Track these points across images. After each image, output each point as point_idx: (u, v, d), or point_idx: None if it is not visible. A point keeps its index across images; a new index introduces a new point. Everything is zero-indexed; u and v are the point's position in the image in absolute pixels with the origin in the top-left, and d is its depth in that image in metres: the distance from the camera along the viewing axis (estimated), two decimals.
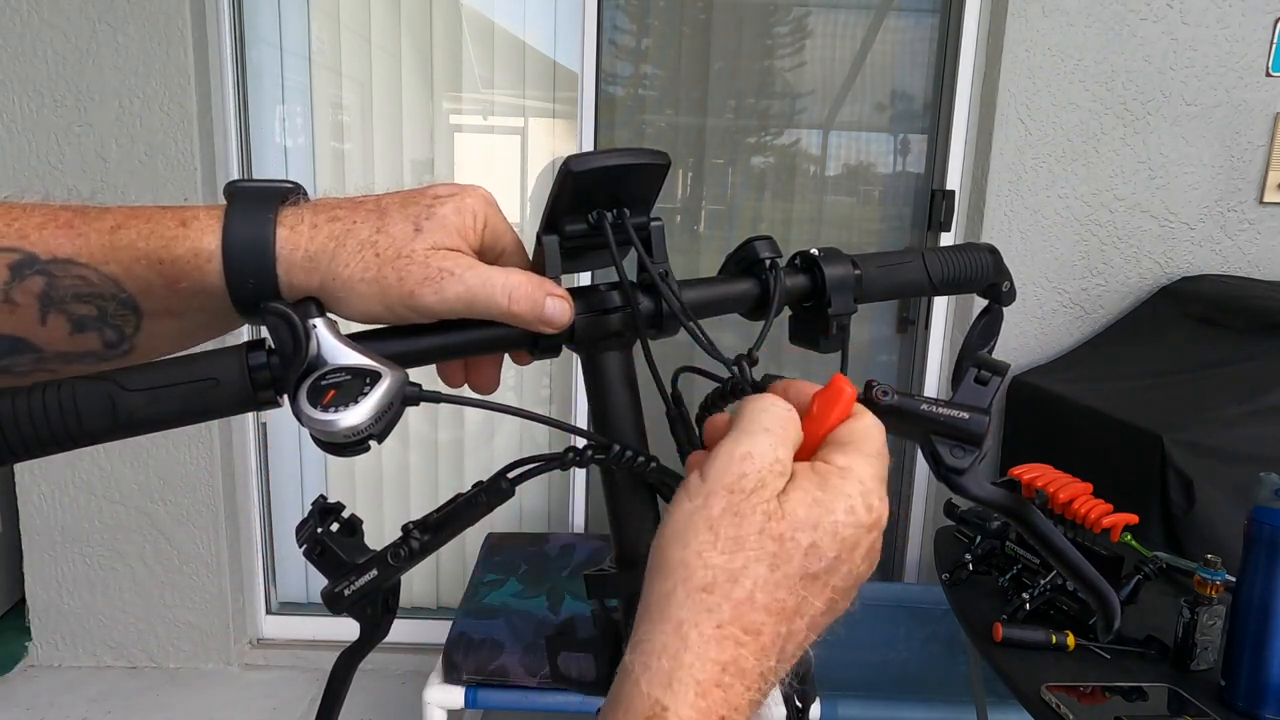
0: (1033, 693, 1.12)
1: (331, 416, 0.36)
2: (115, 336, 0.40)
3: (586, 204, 0.44)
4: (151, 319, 0.41)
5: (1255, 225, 2.27)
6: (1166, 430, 1.65)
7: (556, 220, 0.44)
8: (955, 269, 0.53)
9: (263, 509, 2.54)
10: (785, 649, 0.34)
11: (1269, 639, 1.05)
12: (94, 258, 0.39)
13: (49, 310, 0.39)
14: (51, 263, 0.38)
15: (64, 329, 0.39)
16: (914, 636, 2.18)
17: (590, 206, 0.44)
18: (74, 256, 0.39)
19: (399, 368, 0.38)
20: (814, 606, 0.35)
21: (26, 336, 0.39)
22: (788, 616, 0.34)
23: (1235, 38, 2.17)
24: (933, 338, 2.43)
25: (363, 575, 0.43)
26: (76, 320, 0.39)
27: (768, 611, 0.34)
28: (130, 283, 0.39)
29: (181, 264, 0.39)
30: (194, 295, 0.40)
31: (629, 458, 0.44)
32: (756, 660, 0.33)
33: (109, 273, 0.39)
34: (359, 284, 0.39)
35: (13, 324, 0.39)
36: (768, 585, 0.34)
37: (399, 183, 2.44)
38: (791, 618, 0.34)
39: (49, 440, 0.35)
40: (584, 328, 0.45)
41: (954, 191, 2.34)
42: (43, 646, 2.46)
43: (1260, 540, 1.06)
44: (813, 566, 0.34)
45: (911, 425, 0.40)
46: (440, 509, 0.44)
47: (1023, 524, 0.41)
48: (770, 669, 0.34)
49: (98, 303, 0.39)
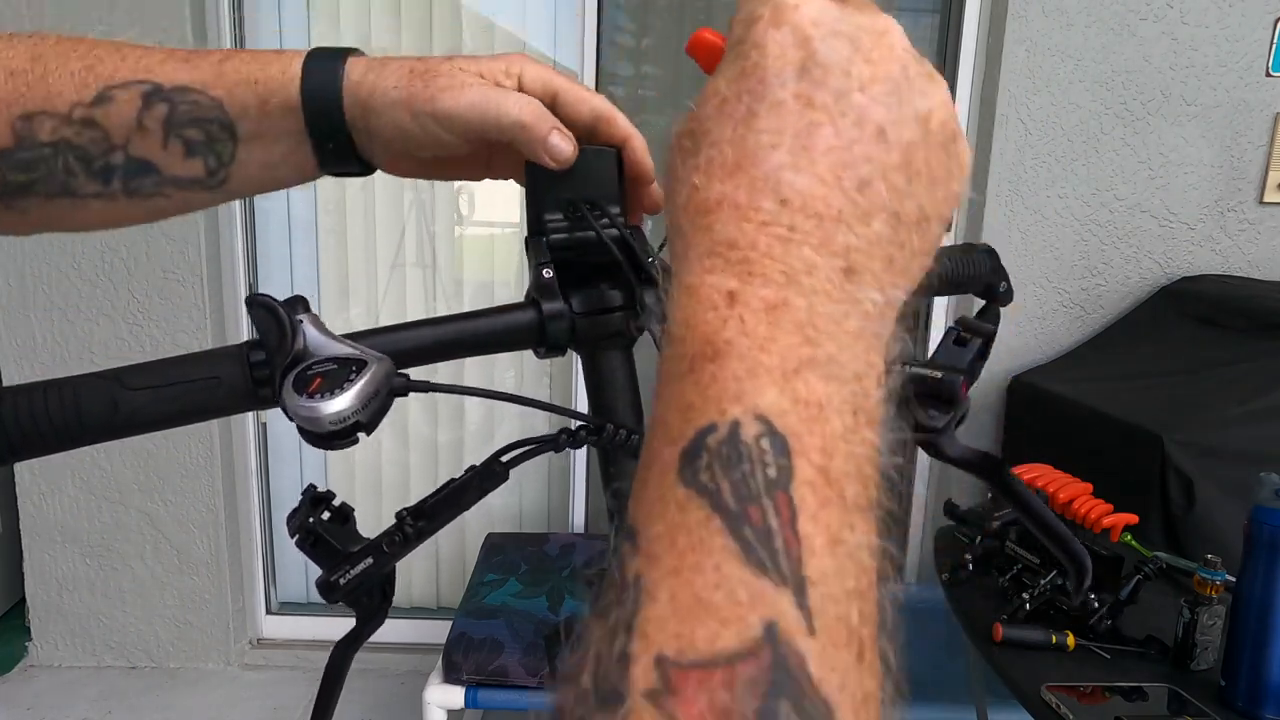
0: (1033, 693, 1.12)
1: (316, 403, 0.36)
2: (215, 163, 0.47)
3: (566, 206, 0.45)
4: (244, 144, 0.47)
5: (1255, 225, 2.27)
6: (1166, 430, 1.65)
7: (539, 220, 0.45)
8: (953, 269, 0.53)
9: (263, 509, 2.54)
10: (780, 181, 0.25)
11: (1269, 639, 1.05)
12: (205, 84, 0.46)
13: (169, 135, 0.46)
14: (173, 90, 0.45)
15: (179, 153, 0.46)
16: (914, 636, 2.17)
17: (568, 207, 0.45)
18: (189, 84, 0.45)
19: (386, 358, 0.38)
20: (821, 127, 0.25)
21: (152, 160, 0.46)
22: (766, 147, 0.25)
23: (1235, 38, 2.17)
24: (932, 337, 2.43)
25: (358, 564, 0.43)
26: (189, 144, 0.46)
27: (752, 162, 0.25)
28: (231, 105, 0.46)
29: (272, 82, 0.46)
30: (281, 115, 0.46)
31: (623, 436, 0.44)
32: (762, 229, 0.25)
33: (215, 96, 0.46)
34: (391, 91, 0.45)
35: (144, 147, 0.46)
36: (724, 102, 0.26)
37: (398, 183, 2.44)
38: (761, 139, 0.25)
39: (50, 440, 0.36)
40: (585, 328, 0.45)
41: None
42: (43, 646, 2.46)
43: (1260, 540, 1.06)
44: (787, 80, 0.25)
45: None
46: (434, 494, 0.44)
47: (997, 484, 0.41)
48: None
49: (205, 126, 0.46)
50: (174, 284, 2.26)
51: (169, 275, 2.25)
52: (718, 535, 0.21)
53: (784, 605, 0.20)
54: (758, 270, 0.24)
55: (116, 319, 2.27)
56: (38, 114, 0.44)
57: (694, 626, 0.20)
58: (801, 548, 0.21)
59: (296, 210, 2.44)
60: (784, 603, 0.20)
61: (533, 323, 0.44)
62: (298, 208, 2.44)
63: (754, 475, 0.21)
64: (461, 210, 2.48)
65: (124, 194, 0.47)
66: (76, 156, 0.45)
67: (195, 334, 2.28)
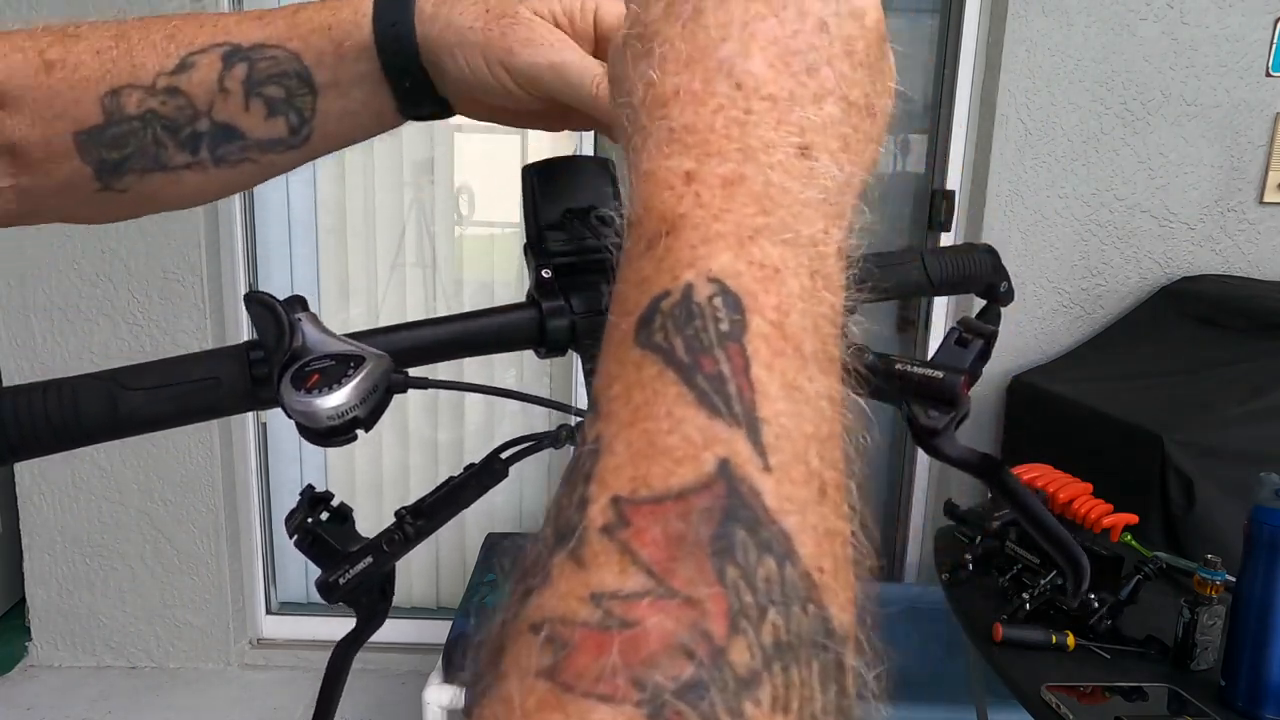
0: (1033, 693, 1.12)
1: (313, 399, 0.36)
2: (297, 120, 0.46)
3: (564, 214, 0.46)
4: (323, 95, 0.46)
5: (1255, 225, 2.27)
6: (1166, 430, 1.65)
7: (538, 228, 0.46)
8: (954, 269, 0.53)
9: (263, 509, 2.54)
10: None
11: (1269, 639, 1.05)
12: (280, 37, 0.45)
13: (250, 95, 0.45)
14: (251, 48, 0.45)
15: (261, 113, 0.46)
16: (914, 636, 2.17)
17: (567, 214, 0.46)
18: (265, 40, 0.45)
19: (384, 355, 0.38)
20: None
21: (236, 123, 0.46)
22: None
23: (1235, 38, 2.17)
24: (933, 338, 2.43)
25: (357, 563, 0.43)
26: (270, 103, 0.45)
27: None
28: (307, 54, 0.45)
29: (345, 24, 0.45)
30: (355, 58, 0.45)
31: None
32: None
33: (291, 49, 0.45)
34: (467, 32, 0.43)
35: (227, 111, 0.45)
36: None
37: (398, 183, 2.44)
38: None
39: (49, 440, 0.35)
40: (586, 328, 0.45)
41: (954, 191, 2.34)
42: (43, 646, 2.46)
43: (1260, 540, 1.06)
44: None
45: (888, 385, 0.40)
46: (433, 493, 0.44)
47: (996, 485, 0.41)
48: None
49: (284, 81, 0.45)
50: (174, 284, 2.26)
51: (169, 275, 2.25)
52: (671, 386, 0.21)
53: (738, 444, 0.20)
54: (714, 150, 0.25)
55: (116, 319, 2.27)
56: (124, 88, 0.44)
57: (648, 467, 0.20)
58: (755, 393, 0.21)
59: (296, 210, 2.44)
60: (738, 441, 0.20)
61: (533, 322, 0.44)
62: (298, 208, 2.44)
63: (706, 330, 0.22)
64: (461, 210, 2.48)
65: (212, 163, 0.47)
66: (164, 127, 0.45)
67: (195, 334, 2.28)
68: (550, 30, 0.43)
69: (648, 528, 0.19)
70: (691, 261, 0.23)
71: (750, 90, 0.25)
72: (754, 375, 0.21)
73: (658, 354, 0.22)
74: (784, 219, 0.24)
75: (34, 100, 0.44)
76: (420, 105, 0.47)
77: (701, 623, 0.18)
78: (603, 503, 0.20)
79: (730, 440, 0.20)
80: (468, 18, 0.43)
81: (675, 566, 0.19)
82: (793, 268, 0.23)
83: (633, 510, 0.20)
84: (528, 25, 0.43)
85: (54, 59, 0.44)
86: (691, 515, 0.19)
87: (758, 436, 0.21)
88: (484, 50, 0.43)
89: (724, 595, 0.18)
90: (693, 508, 0.19)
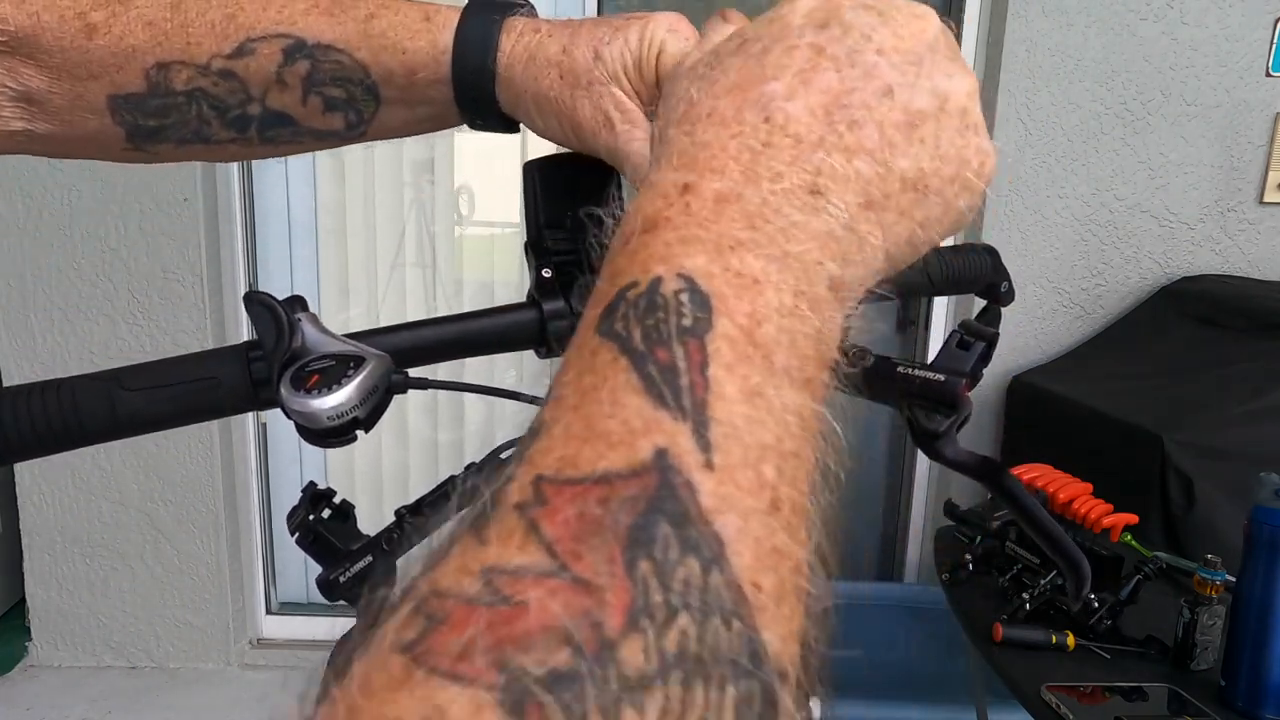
0: (1033, 693, 1.12)
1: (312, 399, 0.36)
2: (355, 119, 0.46)
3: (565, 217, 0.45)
4: (387, 106, 0.45)
5: (1255, 225, 2.27)
6: (1166, 430, 1.65)
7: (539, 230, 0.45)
8: (954, 269, 0.53)
9: (263, 509, 2.54)
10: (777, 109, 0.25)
11: (1269, 639, 1.05)
12: (349, 44, 0.44)
13: (310, 91, 0.44)
14: (316, 48, 0.44)
15: (319, 108, 0.45)
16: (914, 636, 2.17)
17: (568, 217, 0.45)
18: (334, 43, 0.44)
19: (384, 355, 0.38)
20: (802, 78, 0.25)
21: (290, 112, 0.45)
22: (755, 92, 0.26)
23: (1235, 38, 2.17)
24: (933, 338, 2.43)
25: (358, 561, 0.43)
26: (329, 100, 0.45)
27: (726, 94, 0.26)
28: (376, 70, 0.44)
29: (421, 55, 0.43)
30: (428, 86, 0.44)
31: None
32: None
33: (360, 59, 0.44)
34: (545, 100, 0.43)
35: (282, 101, 0.45)
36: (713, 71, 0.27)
37: (398, 183, 2.44)
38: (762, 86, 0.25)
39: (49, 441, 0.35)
40: None
41: None
42: (43, 646, 2.45)
43: (1260, 540, 1.06)
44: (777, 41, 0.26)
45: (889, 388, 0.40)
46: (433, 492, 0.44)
47: (997, 488, 0.41)
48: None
49: (347, 86, 0.45)
50: (174, 284, 2.25)
51: (169, 275, 2.25)
52: (621, 373, 0.20)
53: (680, 436, 0.19)
54: (718, 168, 0.24)
55: (116, 319, 2.27)
56: (174, 63, 0.43)
57: (580, 449, 0.19)
58: (709, 390, 0.20)
59: (296, 210, 2.44)
60: (681, 434, 0.19)
61: (534, 323, 0.44)
62: (298, 208, 2.44)
63: (667, 322, 0.20)
64: (461, 210, 2.48)
65: (260, 142, 0.46)
66: (211, 106, 0.44)
67: (195, 334, 2.28)
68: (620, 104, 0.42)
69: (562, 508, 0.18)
70: (665, 258, 0.22)
71: (777, 125, 0.25)
72: (711, 374, 0.20)
73: (614, 341, 0.21)
74: (772, 236, 0.23)
75: (67, 60, 0.43)
76: (488, 129, 0.47)
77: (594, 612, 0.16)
78: (524, 481, 0.19)
79: (673, 432, 0.19)
80: (543, 84, 0.42)
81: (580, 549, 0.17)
82: (775, 283, 0.22)
83: (553, 490, 0.18)
84: (595, 103, 0.42)
85: (97, 22, 0.43)
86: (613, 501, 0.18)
87: (704, 433, 0.19)
88: (555, 111, 0.43)
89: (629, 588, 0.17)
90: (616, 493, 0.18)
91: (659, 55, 0.42)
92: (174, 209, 2.20)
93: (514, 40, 0.43)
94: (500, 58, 0.43)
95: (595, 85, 0.42)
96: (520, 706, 0.15)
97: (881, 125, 0.25)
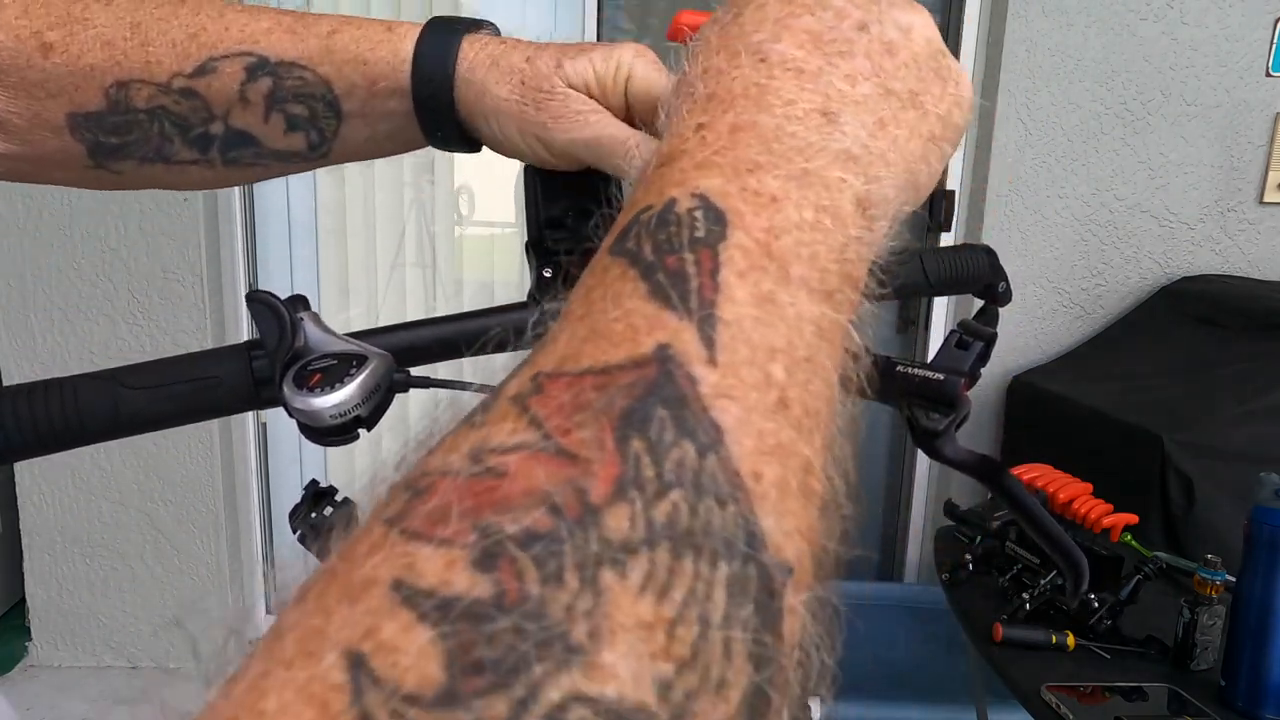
0: (1033, 693, 1.12)
1: (315, 398, 0.36)
2: (317, 138, 0.46)
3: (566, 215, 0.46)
4: (349, 123, 0.46)
5: (1255, 225, 2.27)
6: (1166, 430, 1.65)
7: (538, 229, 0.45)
8: (953, 269, 0.53)
9: (263, 509, 2.54)
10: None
11: (1269, 639, 1.05)
12: (312, 60, 0.44)
13: (272, 108, 0.44)
14: (279, 65, 0.44)
15: (281, 126, 0.45)
16: (914, 636, 2.17)
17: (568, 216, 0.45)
18: (297, 59, 0.44)
19: (386, 354, 0.38)
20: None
21: (253, 132, 0.45)
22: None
23: (1235, 38, 2.17)
24: (932, 338, 2.43)
25: None
26: (291, 119, 0.45)
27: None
28: (338, 83, 0.44)
29: (382, 65, 0.44)
30: (388, 96, 0.45)
31: None
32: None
33: (323, 74, 0.44)
34: (503, 102, 0.43)
35: (245, 119, 0.45)
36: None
37: (398, 183, 2.44)
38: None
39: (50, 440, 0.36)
40: None
41: (954, 191, 2.34)
42: (43, 646, 2.45)
43: (1260, 540, 1.06)
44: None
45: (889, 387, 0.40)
46: None
47: (996, 487, 0.41)
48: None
49: (309, 103, 0.45)
50: (174, 284, 2.26)
51: (169, 275, 2.25)
52: (629, 282, 0.20)
53: (685, 334, 0.19)
54: (729, 104, 0.24)
55: (116, 319, 2.27)
56: (134, 82, 0.43)
57: (581, 347, 0.19)
58: (719, 293, 0.19)
59: (296, 210, 2.44)
60: (686, 332, 0.19)
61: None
62: (298, 208, 2.44)
63: (679, 235, 0.20)
64: (461, 210, 2.48)
65: (222, 163, 0.46)
66: (173, 124, 0.44)
67: (195, 334, 2.28)
68: (583, 102, 0.42)
69: (557, 394, 0.18)
70: (681, 181, 0.22)
71: (775, 63, 0.25)
72: (721, 278, 0.20)
73: (625, 257, 0.21)
74: (789, 156, 0.23)
75: (25, 80, 0.43)
76: (449, 145, 0.47)
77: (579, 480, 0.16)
78: (523, 377, 0.19)
79: (677, 329, 0.19)
80: (504, 89, 0.43)
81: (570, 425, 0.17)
82: (795, 200, 0.22)
83: (550, 381, 0.18)
84: (562, 100, 0.42)
85: (53, 41, 0.42)
86: (610, 387, 0.18)
87: (710, 332, 0.19)
88: (519, 123, 0.43)
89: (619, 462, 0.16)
90: (614, 381, 0.18)
91: (628, 79, 0.43)
92: (174, 209, 2.20)
93: (476, 49, 0.44)
94: (461, 63, 0.43)
95: (557, 91, 0.42)
96: (492, 561, 0.15)
97: (869, 54, 0.26)
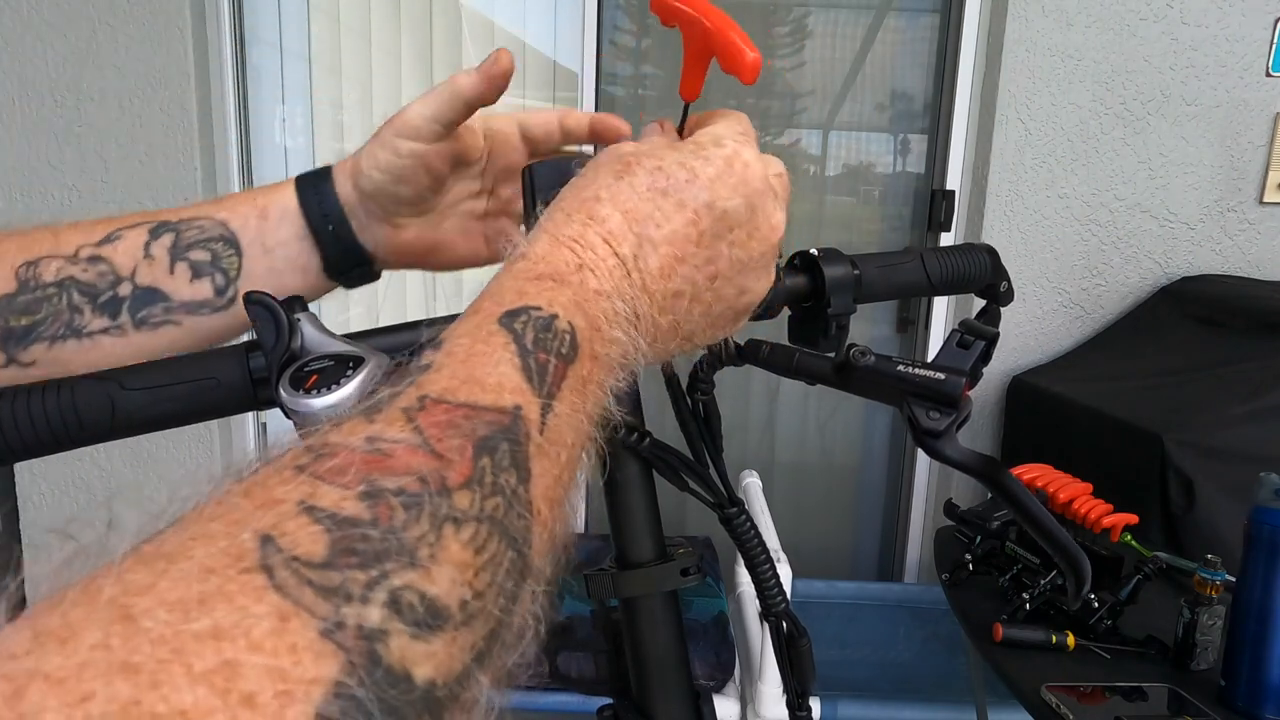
0: (1033, 693, 1.12)
1: (311, 400, 0.36)
2: (223, 281, 0.49)
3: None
4: (248, 257, 0.49)
5: (1255, 225, 2.27)
6: (1166, 430, 1.65)
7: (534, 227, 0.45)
8: (954, 269, 0.53)
9: None
10: (644, 258, 0.35)
11: (1269, 639, 1.05)
12: (207, 212, 0.49)
13: (176, 259, 0.48)
14: (179, 223, 0.49)
15: (186, 275, 0.48)
16: (914, 636, 2.18)
17: None
18: (194, 216, 0.49)
19: (384, 355, 0.38)
20: (671, 223, 0.35)
21: (160, 286, 0.48)
22: (639, 220, 0.35)
23: (1235, 38, 2.17)
24: (933, 338, 2.43)
25: None
26: (195, 266, 0.48)
27: (615, 206, 0.35)
28: (233, 220, 0.49)
29: (270, 193, 0.50)
30: (280, 219, 0.50)
31: (623, 433, 0.44)
32: (604, 241, 0.34)
33: (219, 218, 0.49)
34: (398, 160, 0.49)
35: (151, 275, 0.48)
36: (614, 189, 0.36)
37: None
38: (644, 223, 0.35)
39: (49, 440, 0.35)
40: None
41: (954, 191, 2.34)
42: None
43: (1260, 540, 1.06)
44: (659, 183, 0.36)
45: (889, 387, 0.40)
46: None
47: (996, 487, 0.41)
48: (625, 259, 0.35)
49: (209, 245, 0.49)
50: None
51: None
52: (510, 354, 0.28)
53: (533, 407, 0.27)
54: (602, 273, 0.34)
55: None
56: (43, 258, 0.46)
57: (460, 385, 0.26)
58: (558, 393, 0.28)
59: None
60: (534, 406, 0.27)
61: None
62: None
63: (551, 342, 0.29)
64: None
65: (133, 326, 0.47)
66: (82, 292, 0.46)
67: None
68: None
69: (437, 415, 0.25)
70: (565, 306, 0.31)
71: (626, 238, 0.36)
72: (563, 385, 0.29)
73: (510, 334, 0.29)
74: (623, 328, 0.34)
75: None
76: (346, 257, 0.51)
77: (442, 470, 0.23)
78: (411, 395, 0.25)
79: (529, 402, 0.27)
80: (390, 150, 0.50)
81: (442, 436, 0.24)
82: (609, 357, 0.32)
83: (433, 404, 0.25)
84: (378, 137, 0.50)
85: None
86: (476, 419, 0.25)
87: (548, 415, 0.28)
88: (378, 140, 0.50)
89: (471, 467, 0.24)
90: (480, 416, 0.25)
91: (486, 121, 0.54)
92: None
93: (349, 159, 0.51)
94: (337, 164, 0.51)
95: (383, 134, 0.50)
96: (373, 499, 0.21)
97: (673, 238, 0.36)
